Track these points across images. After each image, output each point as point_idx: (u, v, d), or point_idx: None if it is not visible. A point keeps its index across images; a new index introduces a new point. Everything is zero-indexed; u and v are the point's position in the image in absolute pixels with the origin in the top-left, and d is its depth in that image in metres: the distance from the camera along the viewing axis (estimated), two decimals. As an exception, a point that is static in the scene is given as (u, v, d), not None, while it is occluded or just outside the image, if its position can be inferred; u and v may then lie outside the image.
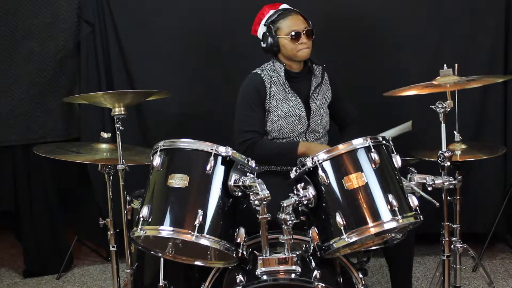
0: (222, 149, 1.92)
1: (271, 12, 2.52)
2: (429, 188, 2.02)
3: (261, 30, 2.54)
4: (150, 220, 1.90)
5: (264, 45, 2.52)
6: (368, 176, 1.85)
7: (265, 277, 1.86)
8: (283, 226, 1.84)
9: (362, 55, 3.22)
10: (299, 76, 2.56)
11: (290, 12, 2.52)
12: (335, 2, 3.19)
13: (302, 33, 2.46)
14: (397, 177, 1.94)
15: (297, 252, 1.88)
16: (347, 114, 2.69)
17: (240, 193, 1.93)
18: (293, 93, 2.51)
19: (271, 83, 2.50)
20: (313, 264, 1.95)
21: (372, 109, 3.16)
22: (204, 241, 1.85)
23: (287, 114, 2.48)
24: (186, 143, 1.95)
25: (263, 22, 2.53)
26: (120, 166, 2.11)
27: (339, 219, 1.82)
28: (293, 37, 2.45)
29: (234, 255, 1.92)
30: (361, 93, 3.18)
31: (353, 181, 1.84)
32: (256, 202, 1.79)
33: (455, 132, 2.55)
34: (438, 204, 2.01)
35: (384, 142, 1.95)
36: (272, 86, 2.50)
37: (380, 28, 3.20)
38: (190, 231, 1.83)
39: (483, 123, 3.22)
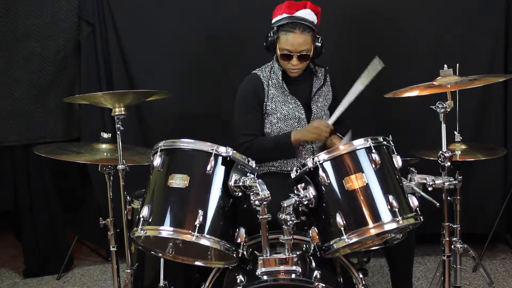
0: (222, 149, 1.92)
1: (283, 16, 2.43)
2: (430, 188, 2.02)
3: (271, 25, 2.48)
4: (150, 220, 1.90)
5: (265, 44, 2.50)
6: (368, 176, 1.85)
7: (265, 277, 1.86)
8: (283, 226, 1.84)
9: (361, 55, 3.21)
10: (299, 79, 2.55)
11: (295, 28, 2.39)
12: (334, 2, 3.19)
13: (294, 56, 2.41)
14: (398, 177, 1.94)
15: (298, 252, 1.88)
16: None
17: (240, 193, 1.93)
18: (292, 96, 2.50)
19: (270, 85, 2.50)
20: (313, 264, 1.95)
21: (372, 109, 3.16)
22: (204, 241, 1.85)
23: (286, 117, 2.48)
24: (187, 143, 1.95)
25: (273, 20, 2.47)
26: (120, 166, 2.11)
27: (339, 219, 1.82)
28: (283, 55, 2.43)
29: (234, 255, 1.92)
30: (361, 93, 3.17)
31: (354, 181, 1.84)
32: (257, 202, 1.79)
33: (455, 132, 2.55)
34: (438, 204, 2.01)
35: (384, 142, 1.95)
36: (270, 88, 2.50)
37: (380, 29, 3.20)
38: (190, 231, 1.83)
39: (483, 123, 3.22)
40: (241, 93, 2.53)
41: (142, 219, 1.90)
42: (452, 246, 2.30)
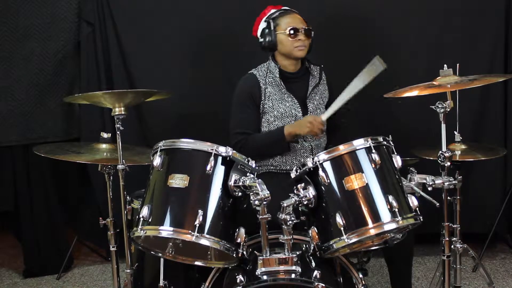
0: (222, 149, 1.92)
1: (273, 10, 2.55)
2: (429, 188, 2.02)
3: (261, 26, 2.56)
4: (150, 220, 1.89)
5: (262, 41, 2.53)
6: (368, 176, 1.85)
7: (265, 277, 1.86)
8: (283, 226, 1.84)
9: (361, 55, 3.20)
10: (295, 77, 2.57)
11: (291, 11, 2.55)
12: (334, 2, 3.19)
13: (300, 30, 2.47)
14: (397, 177, 1.94)
15: (297, 252, 1.88)
16: (338, 116, 2.68)
17: (240, 193, 1.92)
18: (289, 94, 2.51)
19: (267, 83, 2.51)
20: (313, 264, 1.95)
21: (372, 109, 3.16)
22: (204, 241, 1.85)
23: (283, 115, 2.48)
24: (186, 143, 1.95)
25: (263, 19, 2.55)
26: (120, 166, 2.11)
27: (339, 219, 1.82)
28: (291, 33, 2.47)
29: (234, 255, 1.92)
30: (361, 93, 3.17)
31: (353, 181, 1.84)
32: (256, 202, 1.79)
33: (455, 132, 2.55)
34: (438, 204, 2.01)
35: (384, 142, 1.95)
36: (267, 86, 2.51)
37: (380, 28, 3.21)
38: (190, 231, 1.83)
39: (483, 123, 3.22)
40: (236, 93, 2.55)
41: (142, 219, 1.90)
42: (452, 246, 2.30)
